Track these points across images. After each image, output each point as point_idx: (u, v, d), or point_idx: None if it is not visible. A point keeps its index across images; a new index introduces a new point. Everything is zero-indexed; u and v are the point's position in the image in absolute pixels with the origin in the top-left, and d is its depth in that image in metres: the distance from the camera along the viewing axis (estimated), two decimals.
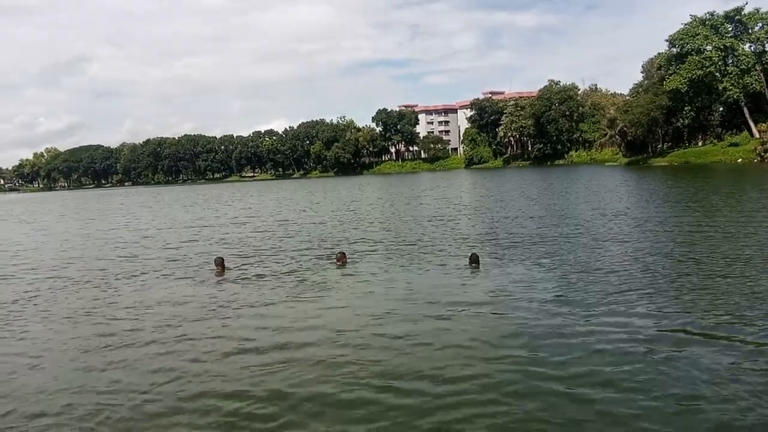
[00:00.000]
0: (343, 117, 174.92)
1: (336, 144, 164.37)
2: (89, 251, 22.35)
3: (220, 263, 15.93)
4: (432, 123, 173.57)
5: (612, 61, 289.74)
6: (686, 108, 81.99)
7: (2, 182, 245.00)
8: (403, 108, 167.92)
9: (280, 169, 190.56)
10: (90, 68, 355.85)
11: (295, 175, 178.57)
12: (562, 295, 11.47)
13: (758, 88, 78.88)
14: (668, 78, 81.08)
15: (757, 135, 74.64)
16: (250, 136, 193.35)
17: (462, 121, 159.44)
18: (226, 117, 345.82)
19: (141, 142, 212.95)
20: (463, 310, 10.79)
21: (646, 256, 14.81)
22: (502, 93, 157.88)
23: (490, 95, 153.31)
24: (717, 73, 78.83)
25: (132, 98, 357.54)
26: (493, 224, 23.77)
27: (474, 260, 14.56)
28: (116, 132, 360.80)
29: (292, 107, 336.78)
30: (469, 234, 21.06)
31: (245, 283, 14.12)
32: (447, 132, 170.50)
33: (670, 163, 77.98)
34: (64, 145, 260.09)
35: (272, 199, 57.50)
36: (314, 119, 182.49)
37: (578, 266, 14.05)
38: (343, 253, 16.21)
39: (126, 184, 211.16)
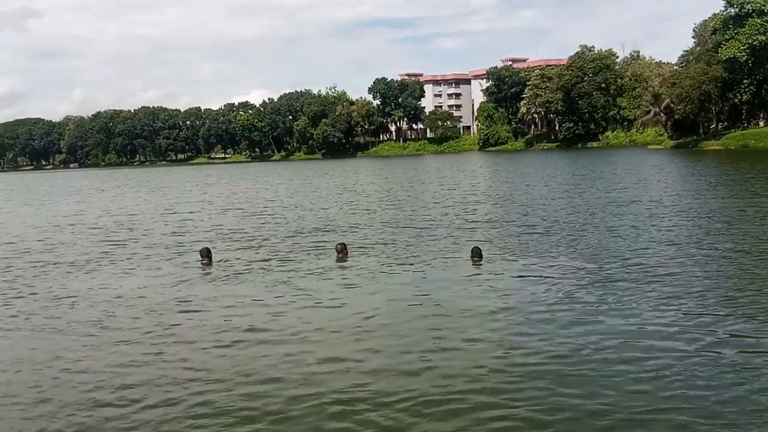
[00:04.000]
0: (334, 87, 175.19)
1: (324, 120, 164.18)
2: (64, 237, 24.55)
3: (207, 254, 17.09)
4: (440, 96, 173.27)
5: (659, 22, 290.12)
6: (745, 81, 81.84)
7: None
8: (406, 77, 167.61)
9: (257, 150, 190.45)
10: (35, 24, 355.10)
11: (274, 157, 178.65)
12: (566, 299, 11.79)
13: None
14: (724, 44, 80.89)
15: None
16: (220, 109, 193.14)
17: (476, 93, 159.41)
18: (194, 85, 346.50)
19: (90, 116, 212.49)
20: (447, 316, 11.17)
21: (689, 253, 15.06)
22: (524, 61, 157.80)
23: (510, 63, 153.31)
24: None
25: (83, 61, 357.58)
26: (504, 214, 24.65)
27: (476, 254, 15.49)
28: (64, 101, 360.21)
29: (273, 75, 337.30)
30: (475, 225, 22.02)
31: (234, 277, 15.13)
32: (458, 107, 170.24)
33: (725, 146, 77.94)
34: None
35: (255, 184, 58.32)
36: (299, 90, 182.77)
37: (594, 263, 14.62)
38: (344, 245, 17.18)
39: (71, 165, 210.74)
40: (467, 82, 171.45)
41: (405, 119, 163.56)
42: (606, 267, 14.23)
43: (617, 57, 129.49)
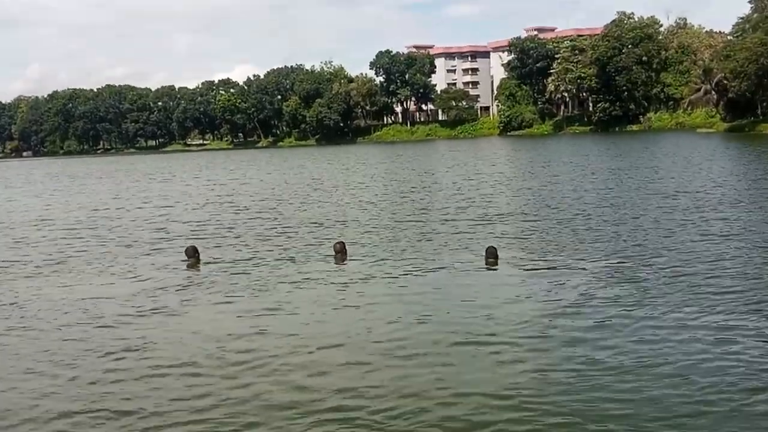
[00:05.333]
0: (330, 62, 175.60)
1: (319, 100, 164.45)
2: (29, 234, 25.31)
3: (193, 253, 17.81)
4: (454, 71, 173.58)
5: None
6: None
7: None
8: (414, 50, 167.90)
9: (240, 135, 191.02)
10: None
11: (260, 144, 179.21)
12: (586, 306, 12.16)
13: None
14: None
15: None
16: (198, 88, 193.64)
17: (496, 69, 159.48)
18: (168, 60, 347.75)
19: (46, 96, 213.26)
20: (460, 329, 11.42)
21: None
22: (552, 30, 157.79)
23: (536, 33, 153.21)
24: None
25: (40, 31, 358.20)
26: (526, 209, 25.21)
27: (491, 254, 16.00)
28: (17, 79, 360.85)
29: (259, 48, 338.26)
30: (492, 221, 22.56)
31: (224, 280, 15.55)
32: (475, 84, 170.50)
33: None
34: None
35: (243, 175, 58.70)
36: (289, 65, 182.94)
37: (630, 264, 15.05)
38: (343, 244, 17.79)
39: (24, 153, 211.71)
40: (485, 55, 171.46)
41: (413, 99, 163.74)
42: (641, 269, 14.51)
43: (661, 26, 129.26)
